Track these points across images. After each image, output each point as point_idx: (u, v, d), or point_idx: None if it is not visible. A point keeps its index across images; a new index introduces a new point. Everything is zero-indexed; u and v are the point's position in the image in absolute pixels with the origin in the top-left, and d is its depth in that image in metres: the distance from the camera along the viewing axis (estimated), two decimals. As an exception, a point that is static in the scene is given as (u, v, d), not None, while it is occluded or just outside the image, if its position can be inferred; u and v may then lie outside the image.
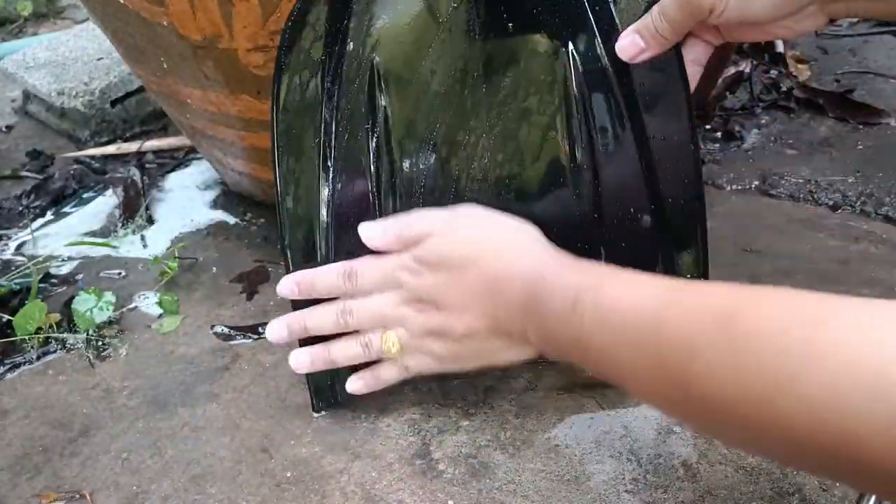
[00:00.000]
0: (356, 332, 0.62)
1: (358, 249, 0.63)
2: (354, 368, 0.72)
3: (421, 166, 0.68)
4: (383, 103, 0.67)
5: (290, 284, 0.63)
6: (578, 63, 0.66)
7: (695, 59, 0.63)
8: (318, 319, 0.62)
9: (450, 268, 0.53)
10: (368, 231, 0.59)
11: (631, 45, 0.60)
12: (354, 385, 0.65)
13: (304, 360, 0.64)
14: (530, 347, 0.53)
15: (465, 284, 0.53)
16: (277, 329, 0.64)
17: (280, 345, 0.65)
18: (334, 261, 0.65)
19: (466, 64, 0.67)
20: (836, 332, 0.33)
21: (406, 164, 0.68)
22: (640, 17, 0.61)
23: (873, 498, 0.54)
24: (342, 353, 0.62)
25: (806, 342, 0.33)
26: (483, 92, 0.67)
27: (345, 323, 0.60)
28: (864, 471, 0.32)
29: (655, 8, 0.58)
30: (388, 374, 0.62)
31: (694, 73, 0.63)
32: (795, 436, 0.34)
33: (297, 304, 0.66)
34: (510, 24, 0.66)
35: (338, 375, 0.72)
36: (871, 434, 0.31)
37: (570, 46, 0.65)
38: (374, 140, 0.67)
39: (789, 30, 0.57)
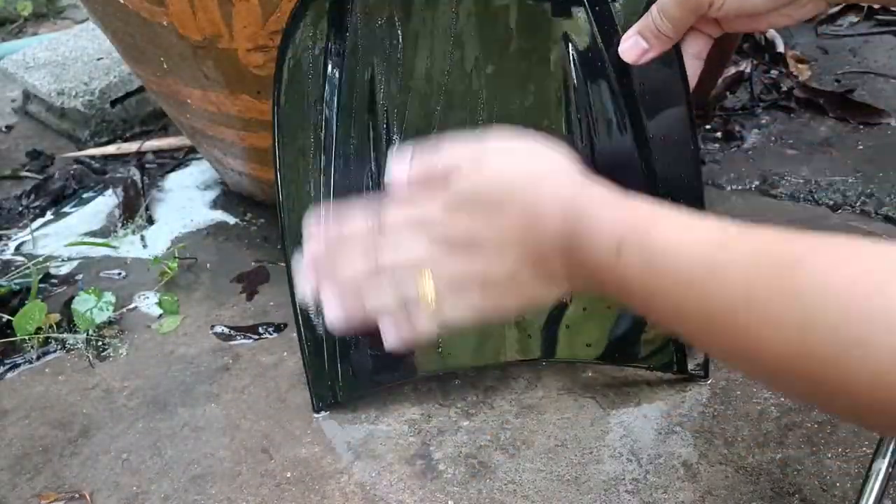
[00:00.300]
0: (386, 280, 0.53)
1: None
2: (353, 373, 0.72)
3: None
4: (382, 99, 0.67)
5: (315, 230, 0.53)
6: (578, 63, 0.66)
7: (696, 54, 0.62)
8: (346, 261, 0.53)
9: (484, 206, 0.49)
10: (393, 173, 0.53)
11: (634, 46, 0.59)
12: (391, 339, 0.56)
13: (337, 314, 0.55)
14: (570, 284, 0.50)
15: (503, 222, 0.48)
16: (315, 293, 0.54)
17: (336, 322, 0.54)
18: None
19: (465, 58, 0.67)
20: None
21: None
22: (640, 17, 0.61)
23: (872, 498, 0.54)
24: (375, 299, 0.54)
25: (874, 301, 0.32)
26: (482, 85, 0.68)
27: (374, 259, 0.52)
28: None
29: (655, 7, 0.58)
30: (423, 325, 0.55)
31: (695, 68, 0.63)
32: (858, 396, 0.33)
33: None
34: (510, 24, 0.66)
35: (338, 375, 0.72)
36: None
37: (570, 46, 0.65)
38: (373, 134, 0.68)
39: (789, 17, 0.57)
